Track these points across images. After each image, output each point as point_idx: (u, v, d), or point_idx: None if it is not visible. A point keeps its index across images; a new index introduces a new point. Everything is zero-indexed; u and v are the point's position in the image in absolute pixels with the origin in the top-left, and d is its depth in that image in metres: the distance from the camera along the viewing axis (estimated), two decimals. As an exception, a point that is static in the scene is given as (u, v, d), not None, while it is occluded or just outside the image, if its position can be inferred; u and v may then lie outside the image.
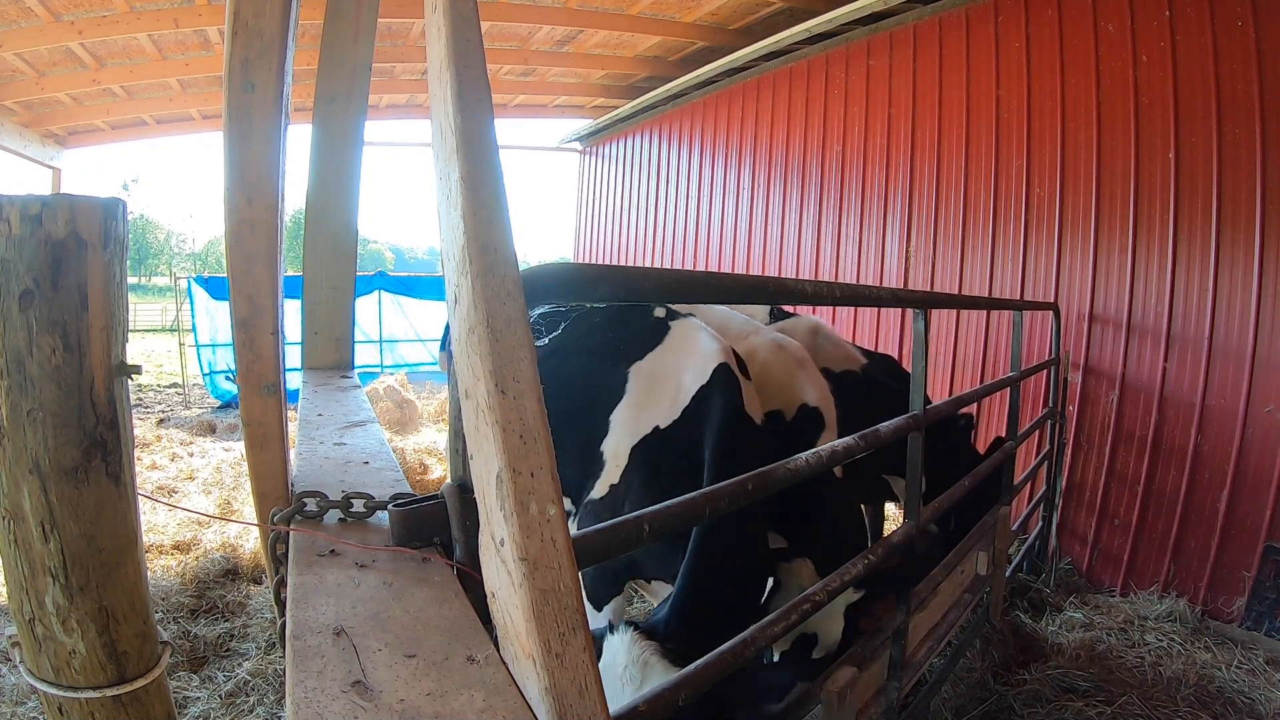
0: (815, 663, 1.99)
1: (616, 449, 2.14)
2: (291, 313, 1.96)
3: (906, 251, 5.63)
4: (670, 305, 2.37)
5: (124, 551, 0.90)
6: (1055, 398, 4.21)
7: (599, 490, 2.15)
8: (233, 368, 7.20)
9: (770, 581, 2.12)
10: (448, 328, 3.12)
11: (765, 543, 2.04)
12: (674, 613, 1.74)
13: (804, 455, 1.53)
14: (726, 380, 2.01)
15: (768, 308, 3.30)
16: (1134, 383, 4.15)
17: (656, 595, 2.12)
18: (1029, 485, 4.29)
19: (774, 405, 2.34)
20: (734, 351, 2.14)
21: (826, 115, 6.39)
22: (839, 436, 2.16)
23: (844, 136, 6.22)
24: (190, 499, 5.42)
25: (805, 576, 2.04)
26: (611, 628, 1.69)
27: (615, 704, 1.05)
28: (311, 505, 1.21)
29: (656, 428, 2.08)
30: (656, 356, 2.24)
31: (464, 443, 0.90)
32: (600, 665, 1.91)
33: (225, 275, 1.43)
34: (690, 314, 2.36)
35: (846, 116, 6.20)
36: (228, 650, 3.23)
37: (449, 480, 1.06)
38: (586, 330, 2.43)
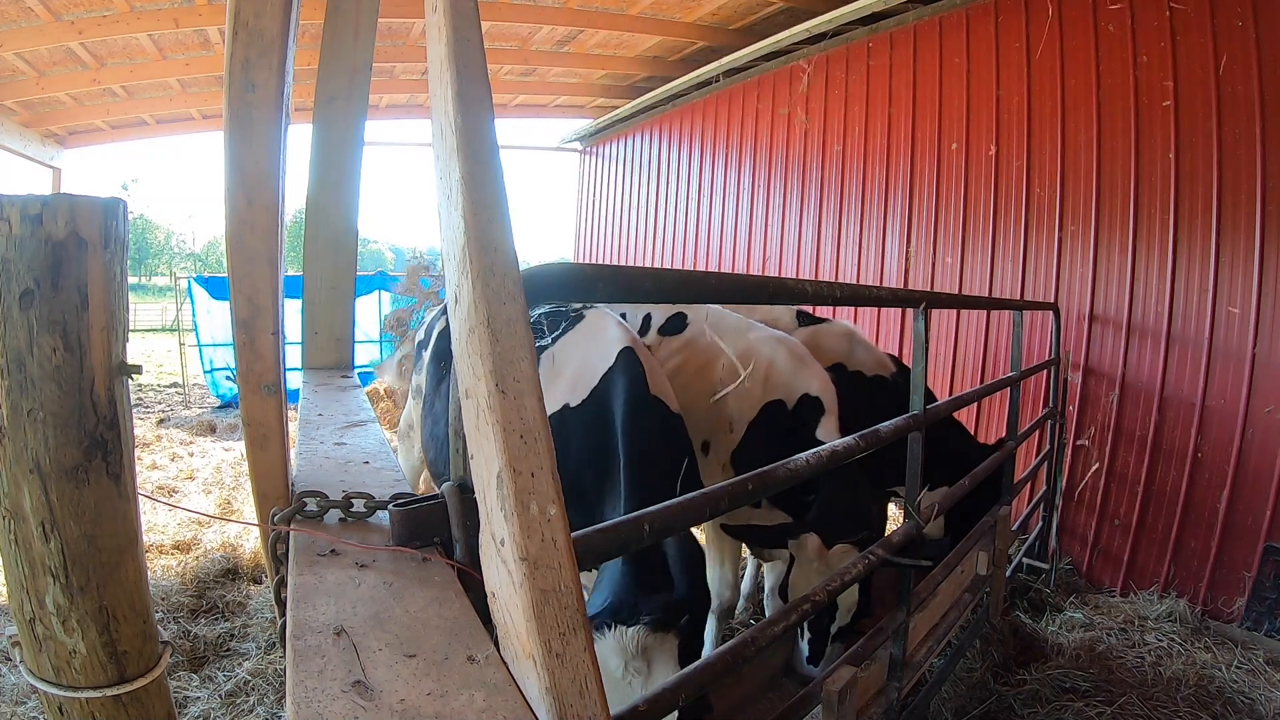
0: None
1: None
2: (291, 313, 1.96)
3: (906, 252, 5.63)
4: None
5: (124, 551, 0.90)
6: (1055, 398, 4.21)
7: None
8: (233, 367, 7.19)
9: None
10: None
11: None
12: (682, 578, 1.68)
13: (804, 455, 1.53)
14: (630, 363, 2.10)
15: (794, 312, 3.32)
16: (1134, 383, 4.15)
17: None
18: (1029, 485, 4.29)
19: (775, 395, 2.50)
20: (639, 341, 2.28)
21: (826, 115, 6.39)
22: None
23: (844, 136, 6.22)
24: (190, 499, 5.42)
25: (811, 549, 2.09)
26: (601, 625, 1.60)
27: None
28: (312, 505, 1.21)
29: (565, 405, 2.16)
30: (565, 340, 2.37)
31: (464, 442, 0.90)
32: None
33: (225, 275, 1.42)
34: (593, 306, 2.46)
35: (846, 116, 6.20)
36: (228, 650, 3.23)
37: (449, 480, 1.07)
38: None
